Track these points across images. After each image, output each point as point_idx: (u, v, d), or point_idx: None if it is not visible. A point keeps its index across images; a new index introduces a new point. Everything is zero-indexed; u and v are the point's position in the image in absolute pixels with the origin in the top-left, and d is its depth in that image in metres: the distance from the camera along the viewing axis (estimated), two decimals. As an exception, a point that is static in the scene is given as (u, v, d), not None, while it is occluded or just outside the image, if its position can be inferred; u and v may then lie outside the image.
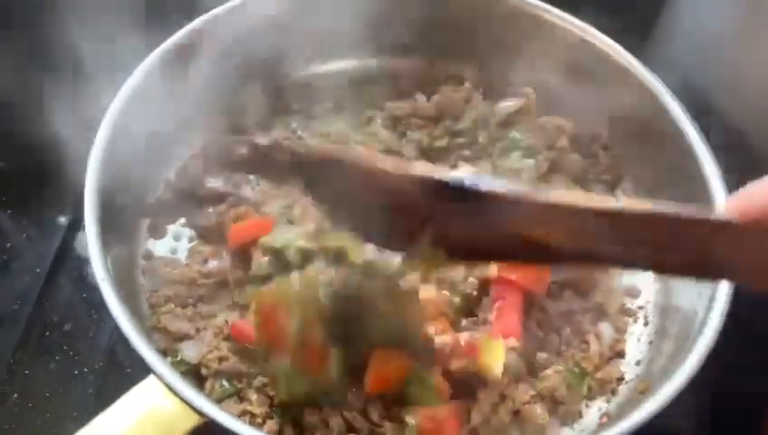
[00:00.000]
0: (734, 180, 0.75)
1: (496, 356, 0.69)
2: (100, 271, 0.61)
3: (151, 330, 0.72)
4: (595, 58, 0.88)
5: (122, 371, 0.78)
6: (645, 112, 0.84)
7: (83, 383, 0.79)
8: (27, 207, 0.93)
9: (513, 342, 0.72)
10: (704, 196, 0.75)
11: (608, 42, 0.87)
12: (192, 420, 0.56)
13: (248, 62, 0.91)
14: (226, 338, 0.72)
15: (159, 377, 0.56)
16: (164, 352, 0.70)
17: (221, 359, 0.70)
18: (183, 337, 0.71)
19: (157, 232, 0.84)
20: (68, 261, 0.88)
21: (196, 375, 0.70)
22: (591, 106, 0.91)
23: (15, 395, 0.77)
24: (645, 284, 0.83)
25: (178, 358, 0.70)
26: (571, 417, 0.73)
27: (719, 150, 0.77)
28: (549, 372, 0.73)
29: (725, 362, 0.66)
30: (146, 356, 0.57)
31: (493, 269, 0.75)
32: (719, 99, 0.85)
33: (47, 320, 0.83)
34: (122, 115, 0.74)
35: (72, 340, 0.82)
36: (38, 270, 0.87)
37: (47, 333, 0.82)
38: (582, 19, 0.89)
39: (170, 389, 0.56)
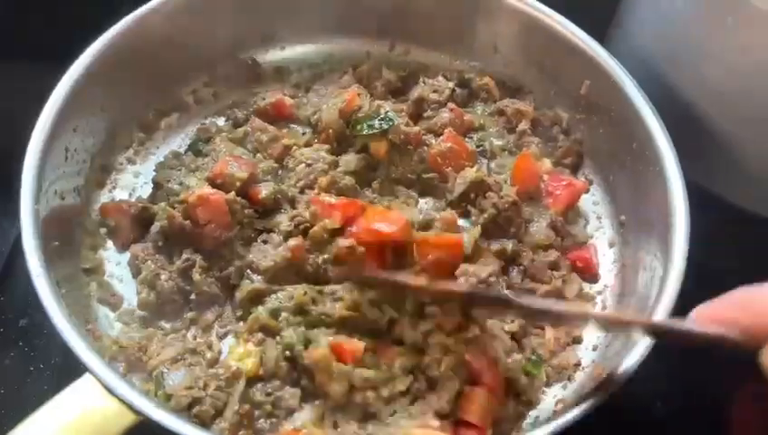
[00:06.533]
0: (693, 166, 0.75)
1: None
2: (35, 267, 0.60)
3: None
4: (557, 42, 0.87)
5: (80, 367, 0.77)
6: (605, 97, 0.84)
7: (40, 380, 0.78)
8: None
9: None
10: (661, 181, 0.75)
11: (570, 26, 0.87)
12: (128, 419, 0.55)
13: (207, 49, 0.90)
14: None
15: (95, 375, 0.55)
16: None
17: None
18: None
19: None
20: (24, 256, 0.87)
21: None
22: (552, 90, 0.91)
23: (-31, 392, 0.76)
24: (603, 269, 0.82)
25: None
26: (527, 404, 0.72)
27: (678, 135, 0.76)
28: (507, 360, 0.72)
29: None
30: (79, 353, 0.56)
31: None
32: (681, 85, 0.84)
33: (2, 316, 0.82)
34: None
35: (29, 336, 0.81)
36: (-7, 265, 0.86)
37: (2, 330, 0.82)
38: (545, 5, 0.89)
39: (106, 388, 0.55)
